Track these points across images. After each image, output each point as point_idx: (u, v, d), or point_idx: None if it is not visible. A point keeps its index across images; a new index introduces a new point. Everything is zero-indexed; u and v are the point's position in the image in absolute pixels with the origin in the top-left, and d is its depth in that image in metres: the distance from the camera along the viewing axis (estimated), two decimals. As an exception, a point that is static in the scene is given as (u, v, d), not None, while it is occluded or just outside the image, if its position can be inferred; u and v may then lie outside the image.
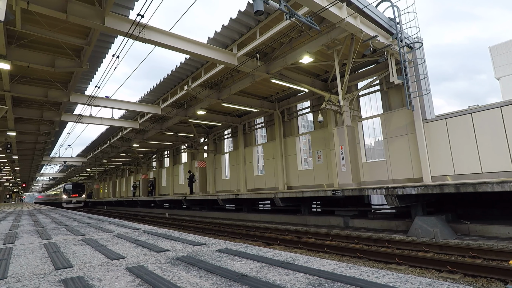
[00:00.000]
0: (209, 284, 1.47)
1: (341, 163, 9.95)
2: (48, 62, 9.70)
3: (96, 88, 10.97)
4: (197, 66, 12.02)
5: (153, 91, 14.35)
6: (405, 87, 9.77)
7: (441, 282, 1.25)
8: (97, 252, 2.47)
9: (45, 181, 63.12)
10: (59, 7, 6.83)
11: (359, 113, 12.49)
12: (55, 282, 1.64)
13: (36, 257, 2.42)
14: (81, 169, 40.66)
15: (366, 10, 8.34)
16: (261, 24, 9.22)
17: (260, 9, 5.95)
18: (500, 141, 8.53)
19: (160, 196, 25.19)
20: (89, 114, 15.71)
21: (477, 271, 4.27)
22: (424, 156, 9.93)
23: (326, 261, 1.76)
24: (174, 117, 16.60)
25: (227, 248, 2.36)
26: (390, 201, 7.07)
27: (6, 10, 4.48)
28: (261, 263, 1.81)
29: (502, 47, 29.51)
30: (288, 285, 1.38)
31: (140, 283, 1.55)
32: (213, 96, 13.71)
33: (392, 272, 1.45)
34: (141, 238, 3.18)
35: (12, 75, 10.84)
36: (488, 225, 6.53)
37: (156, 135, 20.93)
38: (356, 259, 5.66)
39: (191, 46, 9.01)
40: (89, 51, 9.21)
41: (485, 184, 5.58)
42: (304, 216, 10.69)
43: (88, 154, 29.79)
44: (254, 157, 18.22)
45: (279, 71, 11.22)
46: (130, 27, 7.54)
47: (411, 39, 10.35)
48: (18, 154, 25.09)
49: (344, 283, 1.34)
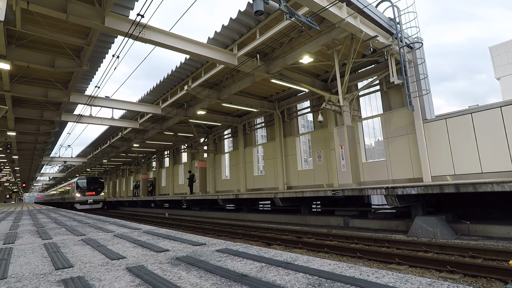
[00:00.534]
0: (209, 284, 1.47)
1: (341, 163, 9.95)
2: (48, 62, 9.70)
3: (96, 88, 10.98)
4: (197, 66, 12.02)
5: (153, 91, 14.35)
6: (405, 87, 9.77)
7: (441, 282, 1.25)
8: (97, 252, 2.47)
9: (45, 181, 63.15)
10: (59, 7, 6.83)
11: (359, 113, 12.49)
12: (55, 282, 1.64)
13: (36, 257, 2.42)
14: (81, 169, 40.66)
15: (366, 10, 8.34)
16: (261, 24, 9.22)
17: (260, 9, 5.95)
18: (500, 141, 8.53)
19: (160, 196, 25.20)
20: (89, 114, 15.71)
21: (477, 271, 4.27)
22: (424, 156, 9.93)
23: (326, 261, 1.76)
24: (174, 117, 16.60)
25: (227, 248, 2.36)
26: (390, 201, 7.07)
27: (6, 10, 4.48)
28: (261, 263, 1.81)
29: (502, 47, 29.50)
30: (288, 285, 1.38)
31: (140, 283, 1.55)
32: (213, 96, 13.71)
33: (392, 272, 1.45)
34: (141, 238, 3.18)
35: (12, 75, 10.84)
36: (488, 225, 6.53)
37: (156, 135, 20.93)
38: (356, 259, 5.66)
39: (191, 46, 9.01)
40: (89, 51, 9.21)
41: (485, 184, 5.58)
42: (304, 216, 10.69)
43: (88, 154, 29.78)
44: (254, 157, 18.21)
45: (279, 71, 11.22)
46: (130, 27, 7.53)
47: (411, 39, 10.35)
48: (18, 154, 25.09)
49: (344, 283, 1.34)
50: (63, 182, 47.69)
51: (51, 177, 51.05)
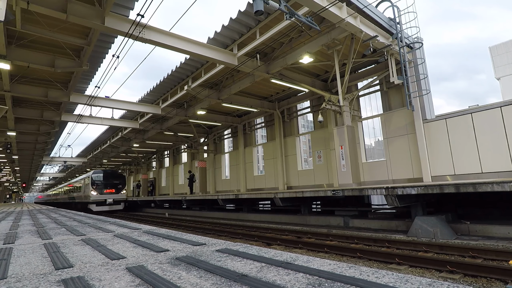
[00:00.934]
0: (209, 284, 1.47)
1: (341, 163, 9.95)
2: (48, 62, 9.70)
3: (96, 88, 10.98)
4: (197, 66, 12.02)
5: (153, 91, 14.35)
6: (405, 87, 9.77)
7: (441, 282, 1.25)
8: (97, 252, 2.47)
9: (45, 181, 63.16)
10: (59, 7, 6.83)
11: (359, 113, 12.49)
12: (55, 282, 1.64)
13: (36, 257, 2.42)
14: (81, 169, 40.66)
15: (366, 10, 8.34)
16: (261, 24, 9.22)
17: (260, 9, 5.95)
18: (500, 141, 8.53)
19: (160, 196, 25.19)
20: (89, 114, 15.71)
21: (477, 271, 4.27)
22: (424, 156, 9.92)
23: (326, 261, 1.76)
24: (174, 117, 16.60)
25: (227, 248, 2.36)
26: (390, 201, 7.07)
27: (6, 10, 4.48)
28: (261, 263, 1.81)
29: (502, 47, 29.50)
30: (288, 285, 1.38)
31: (140, 283, 1.55)
32: (213, 96, 13.71)
33: (392, 272, 1.45)
34: (141, 238, 3.17)
35: (12, 75, 10.84)
36: (488, 225, 6.53)
37: (156, 135, 20.93)
38: (356, 259, 5.66)
39: (191, 46, 9.01)
40: (89, 51, 9.21)
41: (485, 184, 5.58)
42: (304, 216, 10.69)
43: (88, 154, 29.78)
44: (254, 157, 18.21)
45: (279, 71, 11.22)
46: (130, 27, 7.53)
47: (411, 39, 10.34)
48: (18, 154, 25.09)
49: (344, 283, 1.34)
50: (69, 179, 45.68)
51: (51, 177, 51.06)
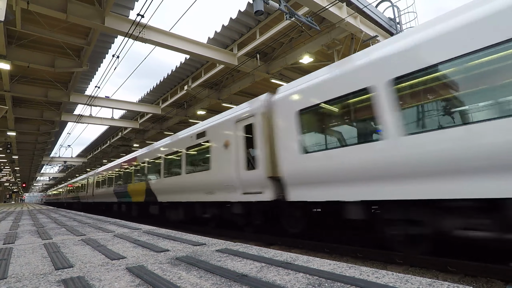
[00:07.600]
0: (209, 284, 1.47)
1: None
2: (48, 62, 9.70)
3: (96, 88, 10.98)
4: (197, 66, 12.02)
5: (153, 91, 14.34)
6: (405, 87, 9.76)
7: (441, 282, 1.25)
8: (97, 252, 2.47)
9: (45, 181, 63.17)
10: (59, 7, 6.83)
11: (359, 113, 12.47)
12: (55, 282, 1.64)
13: (36, 257, 2.42)
14: (81, 169, 40.66)
15: (366, 10, 8.34)
16: (261, 24, 9.21)
17: (260, 9, 5.95)
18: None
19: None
20: (89, 114, 15.71)
21: (477, 271, 4.27)
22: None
23: (326, 261, 1.76)
24: (174, 117, 16.60)
25: (227, 248, 2.36)
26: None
27: (6, 10, 4.49)
28: (261, 263, 1.81)
29: (502, 47, 29.49)
30: (288, 285, 1.37)
31: (140, 283, 1.55)
32: (213, 96, 13.71)
33: (392, 272, 1.45)
34: (141, 238, 3.17)
35: (12, 75, 10.84)
36: (488, 225, 6.52)
37: (156, 135, 20.93)
38: (356, 259, 5.65)
39: (191, 46, 9.01)
40: (89, 51, 9.21)
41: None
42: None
43: (88, 154, 29.78)
44: (254, 157, 18.17)
45: (279, 71, 11.22)
46: (130, 27, 7.53)
47: (411, 39, 10.33)
48: (18, 154, 25.09)
49: (344, 283, 1.34)
50: (85, 172, 37.10)
51: (51, 177, 51.09)
